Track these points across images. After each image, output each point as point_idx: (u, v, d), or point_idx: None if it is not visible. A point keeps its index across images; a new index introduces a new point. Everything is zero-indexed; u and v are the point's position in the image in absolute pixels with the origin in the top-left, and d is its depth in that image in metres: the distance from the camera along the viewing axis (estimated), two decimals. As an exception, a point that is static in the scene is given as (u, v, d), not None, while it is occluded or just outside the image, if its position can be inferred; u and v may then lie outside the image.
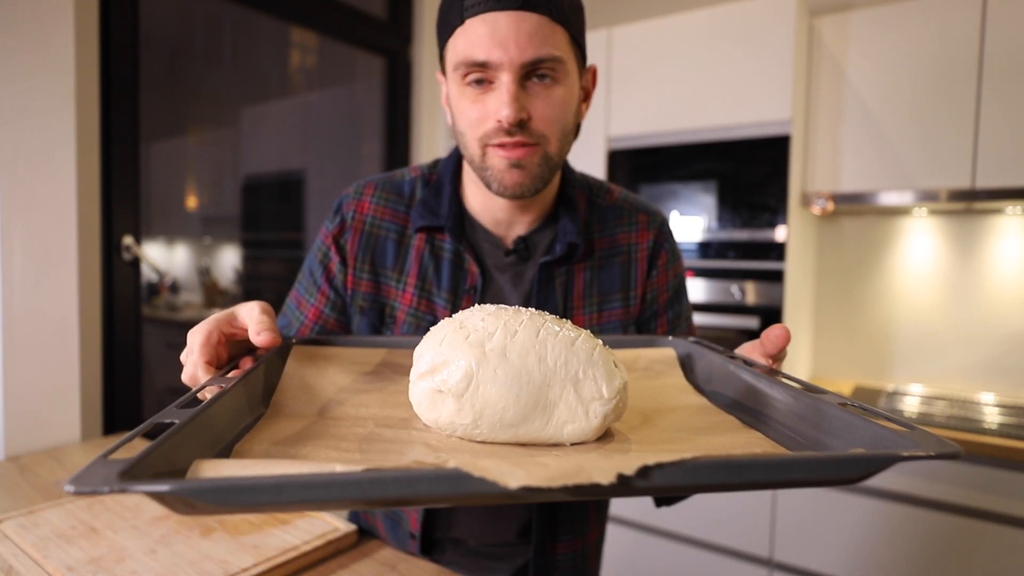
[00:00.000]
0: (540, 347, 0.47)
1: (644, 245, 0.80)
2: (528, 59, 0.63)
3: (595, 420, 0.46)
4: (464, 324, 0.49)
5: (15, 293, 1.17)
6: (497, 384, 0.46)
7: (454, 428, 0.47)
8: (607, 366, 0.47)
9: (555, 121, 0.67)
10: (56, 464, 1.12)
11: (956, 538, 1.53)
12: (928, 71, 1.73)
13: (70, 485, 0.29)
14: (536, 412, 0.46)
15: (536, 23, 0.62)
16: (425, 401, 0.48)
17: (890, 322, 2.05)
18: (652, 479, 0.33)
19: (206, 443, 0.40)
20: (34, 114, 1.19)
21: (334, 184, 2.28)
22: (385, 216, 0.78)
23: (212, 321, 0.54)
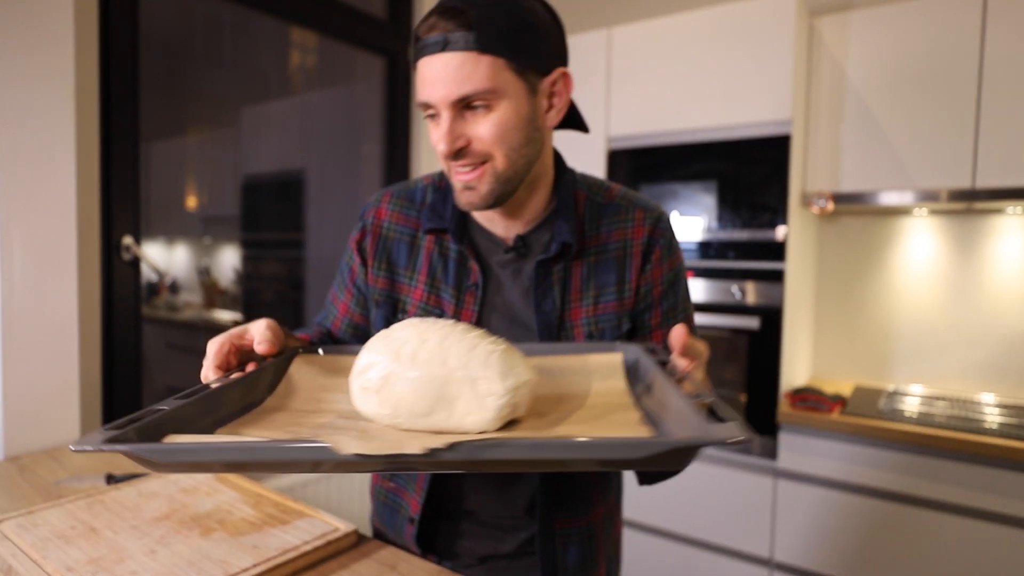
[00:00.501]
0: (443, 351, 0.57)
1: (639, 240, 0.82)
2: (454, 97, 0.69)
3: (490, 412, 0.55)
4: (390, 334, 0.61)
5: (15, 293, 1.17)
6: (407, 383, 0.56)
7: (380, 418, 0.58)
8: (502, 367, 0.56)
9: (495, 141, 0.71)
10: (56, 464, 1.12)
11: (956, 538, 1.53)
12: (928, 71, 1.73)
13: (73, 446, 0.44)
14: (441, 405, 0.56)
15: (459, 61, 0.67)
16: (357, 397, 0.60)
17: (890, 322, 2.05)
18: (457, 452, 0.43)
19: (192, 424, 0.54)
20: (34, 114, 1.19)
21: (334, 184, 2.28)
22: (399, 221, 0.86)
23: (226, 334, 0.67)
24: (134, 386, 1.52)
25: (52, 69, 1.21)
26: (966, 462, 1.52)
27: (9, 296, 1.16)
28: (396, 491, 0.88)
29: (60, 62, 1.22)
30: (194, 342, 1.92)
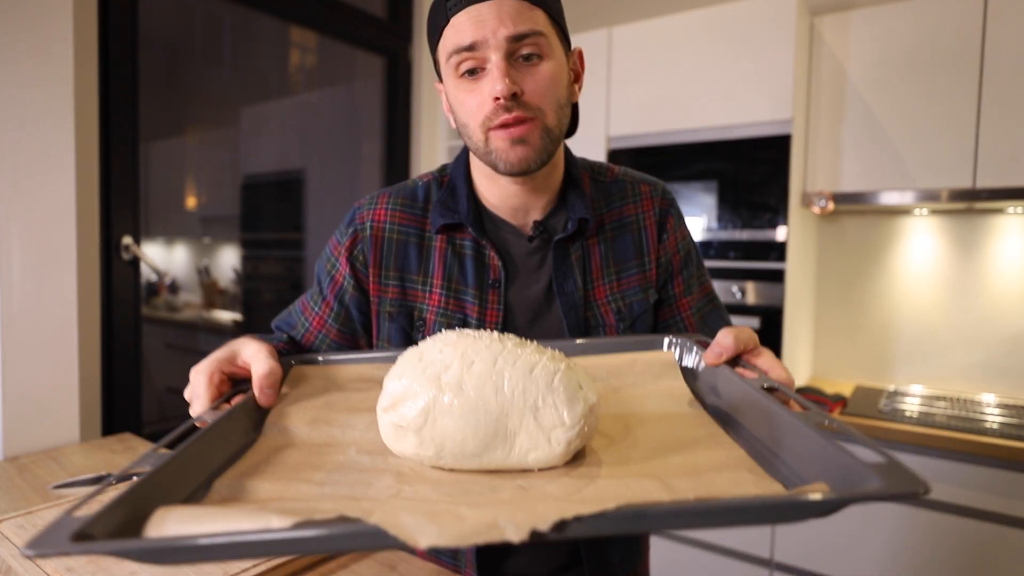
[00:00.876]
0: (497, 377, 0.47)
1: (651, 213, 0.83)
2: (511, 33, 0.66)
3: (558, 447, 0.46)
4: (423, 356, 0.50)
5: (14, 293, 1.17)
6: (454, 418, 0.46)
7: (420, 459, 0.48)
8: (568, 392, 0.47)
9: (547, 94, 0.69)
10: (55, 464, 1.12)
11: (956, 539, 1.53)
12: (929, 70, 1.73)
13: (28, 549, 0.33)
14: (497, 442, 0.46)
15: (514, 5, 0.67)
16: (390, 435, 0.49)
17: (891, 322, 2.04)
18: (567, 532, 0.33)
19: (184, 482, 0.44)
20: (34, 114, 1.18)
21: (334, 184, 2.28)
22: (403, 221, 0.80)
23: (213, 362, 0.57)
24: (134, 386, 1.51)
25: (52, 69, 1.21)
26: (966, 462, 1.52)
27: (9, 296, 1.16)
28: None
29: (60, 62, 1.22)
30: (194, 342, 1.92)
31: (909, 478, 0.34)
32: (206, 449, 0.48)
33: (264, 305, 2.11)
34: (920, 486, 0.34)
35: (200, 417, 0.53)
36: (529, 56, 0.68)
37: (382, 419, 0.50)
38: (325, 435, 0.54)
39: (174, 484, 0.43)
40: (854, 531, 1.65)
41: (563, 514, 0.33)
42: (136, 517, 0.38)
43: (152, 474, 0.41)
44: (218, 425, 0.50)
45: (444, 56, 0.71)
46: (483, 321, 0.77)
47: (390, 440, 0.49)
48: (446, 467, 0.48)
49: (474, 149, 0.74)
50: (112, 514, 0.37)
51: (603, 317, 0.79)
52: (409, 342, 0.78)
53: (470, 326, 0.76)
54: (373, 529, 0.33)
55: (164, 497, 0.41)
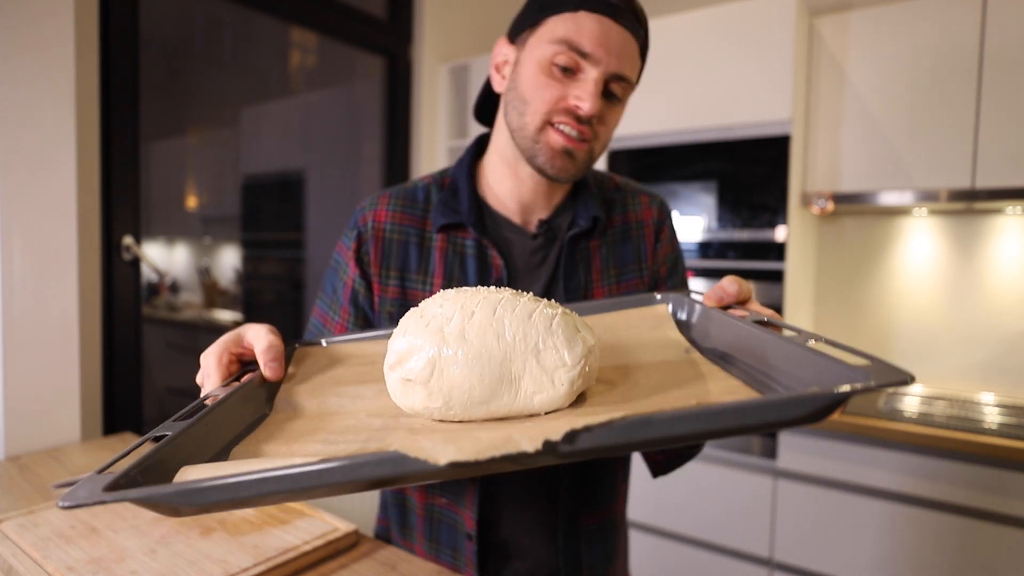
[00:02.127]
0: (497, 324, 0.48)
1: (649, 222, 0.87)
2: (620, 72, 0.71)
3: (562, 387, 0.47)
4: (424, 312, 0.50)
5: (15, 293, 1.17)
6: (459, 366, 0.47)
7: (430, 412, 0.49)
8: (567, 333, 0.48)
9: (609, 131, 0.76)
10: (56, 464, 1.12)
11: (956, 538, 1.53)
12: (928, 71, 1.73)
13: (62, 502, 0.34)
14: (503, 387, 0.47)
15: (634, 48, 0.72)
16: (398, 391, 0.50)
17: (890, 322, 2.05)
18: (578, 443, 0.34)
19: (203, 449, 0.44)
20: (34, 114, 1.19)
21: (334, 184, 2.28)
22: (403, 221, 0.80)
23: (221, 344, 0.58)
24: (134, 386, 1.52)
25: (52, 69, 1.21)
26: (966, 462, 1.52)
27: (9, 296, 1.16)
28: (449, 506, 0.80)
29: (60, 62, 1.22)
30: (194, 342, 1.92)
31: (894, 371, 0.36)
32: (221, 421, 0.48)
33: (265, 305, 2.11)
34: (905, 376, 0.35)
35: (212, 394, 0.54)
36: (612, 95, 0.73)
37: (389, 377, 0.50)
38: (335, 405, 0.55)
39: (194, 450, 0.43)
40: (854, 531, 1.65)
41: (573, 425, 0.34)
42: (161, 476, 0.39)
43: (173, 438, 0.42)
44: (231, 399, 0.51)
45: (552, 36, 0.71)
46: None
47: (398, 396, 0.50)
48: (455, 418, 0.49)
49: (519, 127, 0.74)
50: (139, 470, 0.38)
51: None
52: None
53: None
54: (395, 455, 0.34)
55: (185, 460, 0.41)
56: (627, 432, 0.34)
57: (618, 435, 0.34)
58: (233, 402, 0.51)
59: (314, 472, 0.34)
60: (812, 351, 0.42)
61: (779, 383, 0.45)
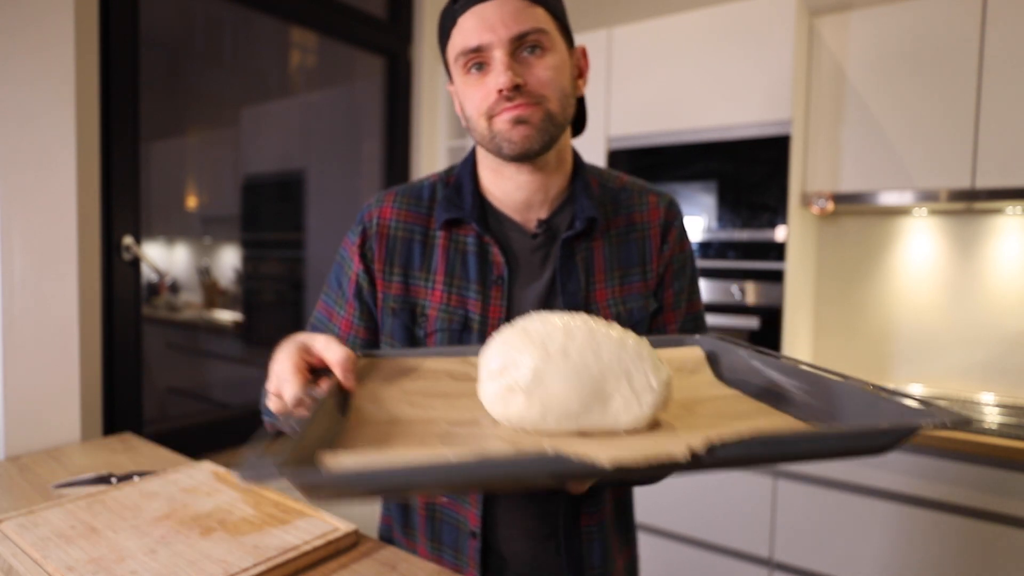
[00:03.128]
0: (596, 345, 0.52)
1: (656, 222, 0.84)
2: (514, 34, 0.70)
3: (647, 409, 0.51)
4: (527, 329, 0.54)
5: (15, 293, 1.17)
6: (561, 379, 0.51)
7: (523, 422, 0.52)
8: (654, 361, 0.52)
9: (550, 83, 0.72)
10: (56, 464, 1.12)
11: (956, 538, 1.53)
12: (928, 70, 1.73)
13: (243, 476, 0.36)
14: (596, 403, 0.51)
15: (516, 5, 0.70)
16: (497, 398, 0.53)
17: (890, 322, 2.05)
18: (717, 454, 0.38)
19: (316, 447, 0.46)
20: (34, 114, 1.19)
21: (334, 184, 2.28)
22: (408, 219, 0.81)
23: (293, 352, 0.59)
24: (134, 386, 1.52)
25: (52, 69, 1.21)
26: (966, 462, 1.52)
27: (9, 296, 1.16)
28: (451, 506, 0.81)
29: (60, 62, 1.22)
30: (194, 342, 1.92)
31: (952, 413, 0.43)
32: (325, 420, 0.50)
33: (265, 305, 2.11)
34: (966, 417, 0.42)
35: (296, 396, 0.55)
36: (532, 49, 0.71)
37: (488, 385, 0.53)
38: (410, 413, 0.57)
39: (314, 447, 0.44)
40: (854, 531, 1.65)
41: (710, 439, 0.37)
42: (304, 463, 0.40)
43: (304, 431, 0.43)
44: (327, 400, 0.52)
45: (452, 57, 0.74)
46: (486, 317, 0.77)
47: (495, 404, 0.53)
48: (545, 430, 0.52)
49: (480, 139, 0.76)
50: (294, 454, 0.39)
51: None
52: (412, 338, 0.79)
53: (472, 322, 0.77)
54: (556, 456, 0.35)
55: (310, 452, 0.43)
56: (759, 447, 0.39)
57: (751, 449, 0.38)
58: (329, 403, 0.53)
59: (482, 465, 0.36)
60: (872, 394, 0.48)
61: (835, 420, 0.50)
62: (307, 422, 0.45)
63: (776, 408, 0.56)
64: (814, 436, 0.40)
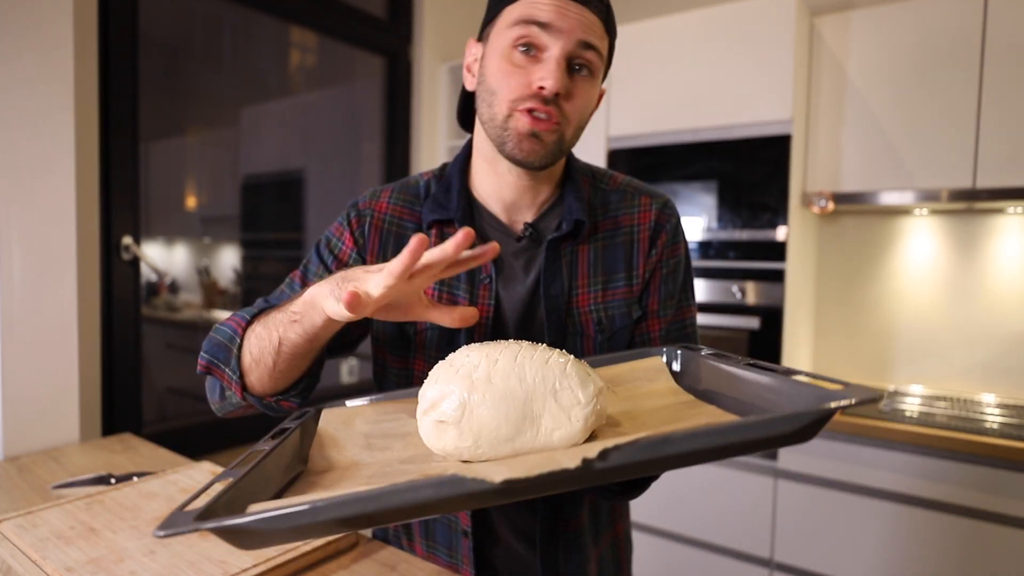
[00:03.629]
0: (519, 368, 0.54)
1: (646, 226, 0.81)
2: (583, 39, 0.69)
3: (578, 423, 0.52)
4: (453, 362, 0.56)
5: (14, 293, 1.17)
6: (487, 407, 0.52)
7: (460, 452, 0.54)
8: (580, 376, 0.54)
9: (579, 110, 0.72)
10: (55, 465, 1.12)
11: (956, 538, 1.53)
12: (929, 70, 1.73)
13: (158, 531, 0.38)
14: (526, 424, 0.53)
15: (594, 21, 0.70)
16: (431, 433, 0.55)
17: (891, 322, 2.05)
18: (611, 459, 0.39)
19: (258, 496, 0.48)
20: (34, 114, 1.19)
21: (334, 184, 2.27)
22: (403, 215, 0.81)
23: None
24: (134, 386, 1.51)
25: (52, 69, 1.21)
26: (966, 462, 1.52)
27: (9, 296, 1.16)
28: None
29: (60, 62, 1.22)
30: (194, 342, 1.92)
31: (866, 390, 0.42)
32: (267, 474, 0.52)
33: (264, 305, 2.11)
34: (875, 393, 0.42)
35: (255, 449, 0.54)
36: (580, 68, 0.71)
37: (423, 421, 0.55)
38: (367, 456, 0.60)
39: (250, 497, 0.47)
40: (854, 531, 1.65)
41: (605, 446, 0.38)
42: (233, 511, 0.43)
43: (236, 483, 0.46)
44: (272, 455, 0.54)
45: (510, 20, 0.70)
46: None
47: (431, 438, 0.55)
48: (483, 457, 0.53)
49: (489, 118, 0.73)
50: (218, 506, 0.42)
51: (583, 326, 0.77)
52: (402, 334, 0.79)
53: None
54: (453, 477, 0.37)
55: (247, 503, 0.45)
56: (651, 449, 0.39)
57: (644, 452, 0.39)
58: (276, 458, 0.54)
59: (380, 494, 0.37)
60: (795, 382, 0.49)
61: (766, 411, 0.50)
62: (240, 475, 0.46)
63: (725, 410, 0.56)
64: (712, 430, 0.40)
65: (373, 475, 0.54)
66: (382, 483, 0.49)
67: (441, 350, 0.77)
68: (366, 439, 0.62)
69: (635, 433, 0.53)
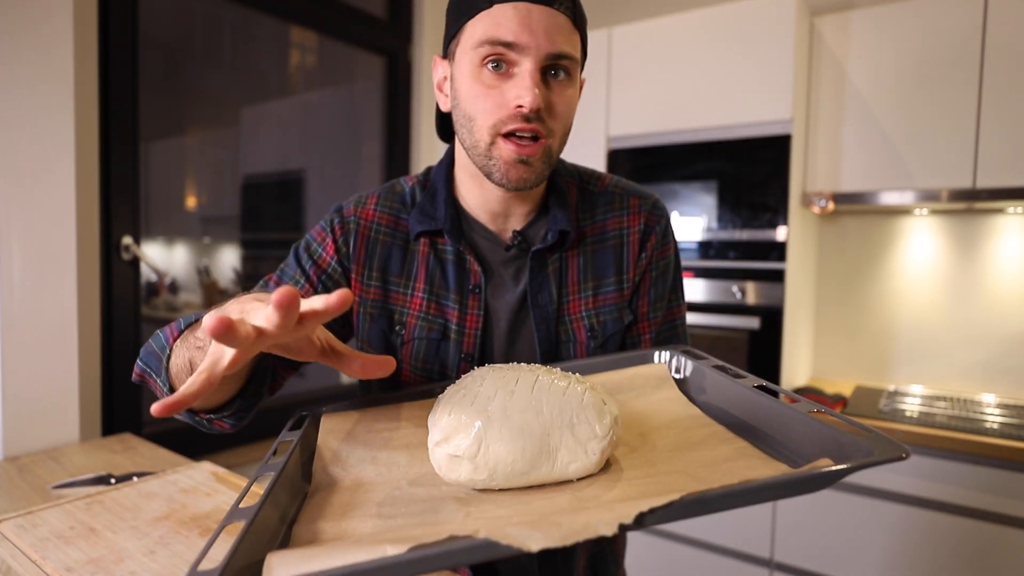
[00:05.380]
0: (536, 401, 0.53)
1: (635, 228, 0.80)
2: (554, 51, 0.65)
3: (594, 456, 0.52)
4: (467, 390, 0.55)
5: (14, 293, 1.17)
6: (503, 442, 0.51)
7: (473, 483, 0.53)
8: (596, 407, 0.53)
9: (564, 117, 0.69)
10: (55, 465, 1.12)
11: (956, 538, 1.53)
12: (929, 70, 1.73)
13: None
14: (542, 459, 0.52)
15: (563, 22, 0.66)
16: (444, 465, 0.53)
17: (891, 322, 2.04)
18: (646, 522, 0.39)
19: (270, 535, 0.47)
20: (34, 114, 1.19)
21: (334, 184, 2.28)
22: (390, 223, 0.79)
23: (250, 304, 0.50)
24: (134, 386, 1.51)
25: (52, 69, 1.21)
26: (966, 462, 1.52)
27: (9, 296, 1.16)
28: None
29: (60, 62, 1.22)
30: (194, 342, 1.91)
31: (893, 446, 0.42)
32: (280, 498, 0.51)
33: (264, 305, 2.11)
34: (902, 451, 0.41)
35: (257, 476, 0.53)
36: (558, 73, 0.67)
37: (436, 452, 0.54)
38: (372, 474, 0.58)
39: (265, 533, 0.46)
40: (854, 531, 1.65)
41: (640, 509, 0.38)
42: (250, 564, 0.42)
43: (250, 525, 0.44)
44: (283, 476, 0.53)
45: (473, 41, 0.67)
46: (463, 326, 0.76)
47: (444, 470, 0.53)
48: (496, 487, 0.53)
49: (471, 145, 0.71)
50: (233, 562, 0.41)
51: (575, 333, 0.77)
52: (388, 344, 0.77)
53: (450, 331, 0.76)
54: (485, 542, 0.37)
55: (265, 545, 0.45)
56: (686, 510, 0.40)
57: (678, 513, 0.39)
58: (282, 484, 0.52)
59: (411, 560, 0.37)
60: (816, 421, 0.48)
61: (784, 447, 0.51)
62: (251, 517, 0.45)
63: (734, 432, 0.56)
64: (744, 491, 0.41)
65: (383, 502, 0.52)
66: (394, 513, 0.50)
67: (428, 361, 0.76)
68: (369, 452, 0.60)
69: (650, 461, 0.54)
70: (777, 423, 0.53)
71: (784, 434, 0.51)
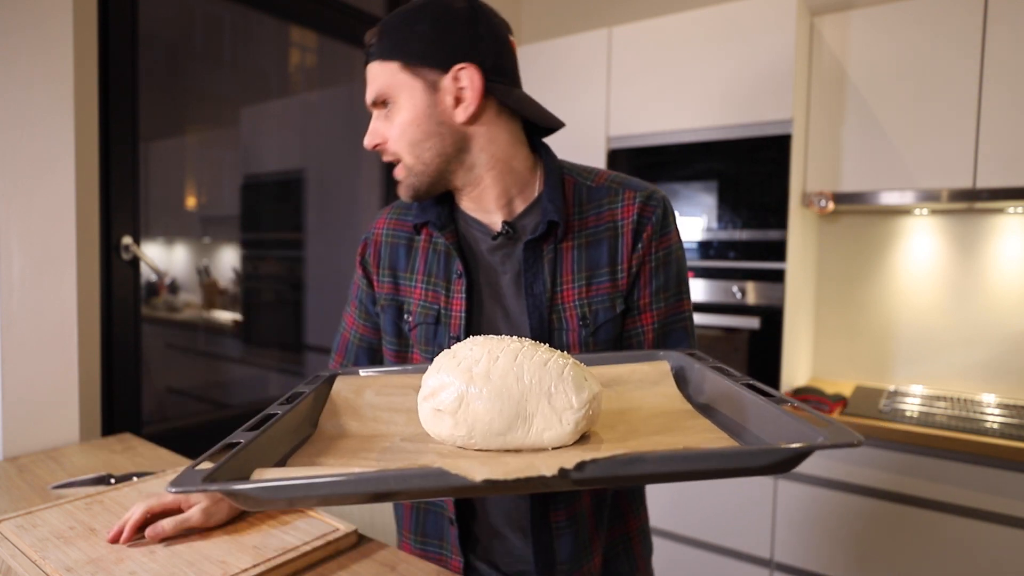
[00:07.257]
0: (518, 368, 0.56)
1: (630, 219, 0.81)
2: (368, 101, 0.81)
3: (568, 426, 0.55)
4: (456, 354, 0.59)
5: (14, 293, 1.17)
6: (483, 401, 0.55)
7: (454, 440, 0.57)
8: (576, 381, 0.56)
9: (399, 139, 0.79)
10: (55, 465, 1.12)
11: (956, 538, 1.53)
12: (929, 70, 1.73)
13: (170, 487, 0.42)
14: (518, 422, 0.55)
15: (374, 70, 0.79)
16: (429, 419, 0.58)
17: (891, 322, 2.05)
18: (586, 472, 0.42)
19: (268, 456, 0.54)
20: (33, 114, 1.18)
21: (334, 184, 2.27)
22: (397, 227, 0.90)
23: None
24: (133, 386, 1.51)
25: (51, 69, 1.21)
26: (966, 462, 1.52)
27: (8, 296, 1.16)
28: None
29: (59, 62, 1.22)
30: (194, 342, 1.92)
31: (846, 433, 0.43)
32: (279, 435, 0.57)
33: (264, 305, 2.11)
34: (854, 438, 0.43)
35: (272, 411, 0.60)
36: (384, 108, 0.80)
37: (422, 406, 0.59)
38: (371, 429, 0.65)
39: (261, 457, 0.52)
40: (854, 531, 1.65)
41: (582, 458, 0.41)
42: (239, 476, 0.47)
43: (247, 445, 0.50)
44: (287, 417, 0.60)
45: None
46: (450, 310, 0.82)
47: (429, 424, 0.58)
48: (475, 447, 0.57)
49: None
50: (224, 469, 0.46)
51: (567, 321, 0.79)
52: (399, 331, 0.88)
53: (443, 316, 0.83)
54: (438, 470, 0.41)
55: (255, 464, 0.50)
56: (625, 466, 0.42)
57: (617, 468, 0.42)
58: (288, 420, 0.59)
59: (371, 478, 0.42)
60: (784, 413, 0.50)
61: (753, 435, 0.54)
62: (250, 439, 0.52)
63: (713, 421, 0.59)
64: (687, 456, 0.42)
65: (376, 451, 0.58)
66: (382, 459, 0.56)
67: (429, 344, 0.84)
68: (373, 411, 0.67)
69: (626, 439, 0.56)
70: (755, 418, 0.55)
71: (761, 429, 0.54)
